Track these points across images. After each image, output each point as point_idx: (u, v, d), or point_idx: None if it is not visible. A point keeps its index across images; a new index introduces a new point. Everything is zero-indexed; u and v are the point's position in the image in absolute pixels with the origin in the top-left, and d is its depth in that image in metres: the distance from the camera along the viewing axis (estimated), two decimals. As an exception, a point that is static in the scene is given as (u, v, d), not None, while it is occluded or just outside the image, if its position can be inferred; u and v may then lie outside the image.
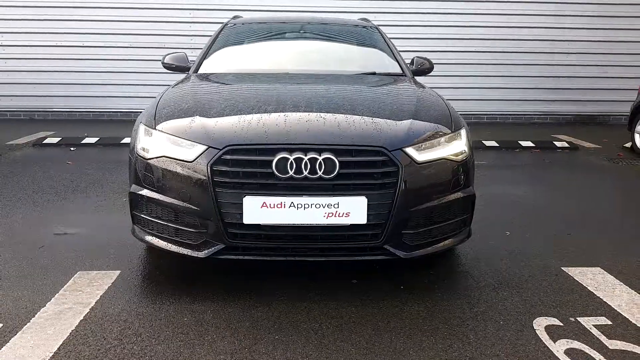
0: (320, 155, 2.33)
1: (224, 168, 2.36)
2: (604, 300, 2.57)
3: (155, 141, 2.56)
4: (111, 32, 8.53)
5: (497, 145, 7.10)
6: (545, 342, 2.17)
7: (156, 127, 2.60)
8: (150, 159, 2.54)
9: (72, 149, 6.25)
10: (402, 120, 2.66)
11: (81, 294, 2.54)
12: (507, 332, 2.25)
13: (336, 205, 2.32)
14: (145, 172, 2.56)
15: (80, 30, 8.52)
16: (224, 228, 2.38)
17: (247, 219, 2.32)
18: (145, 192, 2.56)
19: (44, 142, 6.56)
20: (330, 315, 2.36)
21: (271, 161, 2.32)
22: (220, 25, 4.30)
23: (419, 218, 2.51)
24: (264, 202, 2.31)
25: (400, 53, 4.09)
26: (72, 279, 2.71)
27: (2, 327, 2.24)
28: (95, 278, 2.72)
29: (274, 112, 2.63)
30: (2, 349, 2.06)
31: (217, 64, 3.77)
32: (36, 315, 2.33)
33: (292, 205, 2.31)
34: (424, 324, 2.30)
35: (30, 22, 8.49)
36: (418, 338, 2.19)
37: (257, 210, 2.31)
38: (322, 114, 2.60)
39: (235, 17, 4.62)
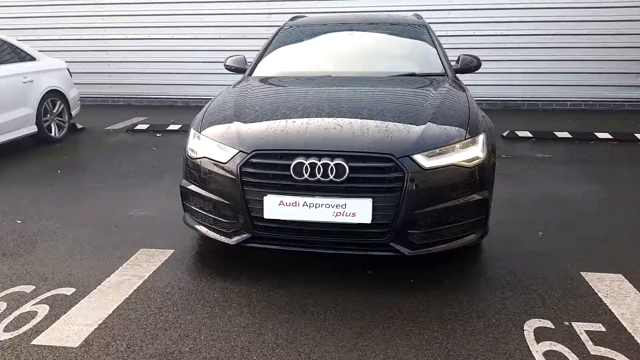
0: (332, 161, 2.63)
1: (250, 170, 2.73)
2: (610, 307, 2.63)
3: (200, 144, 2.99)
4: (198, 25, 9.24)
5: (570, 136, 6.85)
6: (528, 343, 2.33)
7: (201, 132, 3.03)
8: (195, 159, 2.98)
9: (158, 135, 7.00)
10: (418, 125, 2.86)
11: (139, 268, 3.06)
12: (496, 330, 2.43)
13: (344, 206, 2.61)
14: (192, 169, 3.01)
15: (170, 24, 9.31)
16: (251, 221, 2.76)
17: (267, 215, 2.69)
18: (192, 186, 3.02)
19: (136, 128, 7.37)
20: (337, 302, 2.68)
21: (289, 165, 2.66)
22: (277, 27, 4.64)
23: (425, 219, 2.73)
24: (281, 201, 2.66)
25: (446, 51, 4.21)
26: (135, 255, 3.25)
27: (75, 291, 2.80)
28: (154, 255, 3.24)
29: (300, 117, 2.96)
30: (72, 308, 2.62)
31: (268, 67, 4.15)
32: (102, 284, 2.88)
33: (305, 204, 2.64)
34: (419, 316, 2.54)
35: (128, 17, 9.41)
36: (408, 328, 2.44)
37: (276, 207, 2.67)
38: (341, 121, 2.88)
39: (293, 19, 4.95)
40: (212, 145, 2.91)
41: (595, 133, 6.90)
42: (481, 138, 2.93)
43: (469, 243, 2.91)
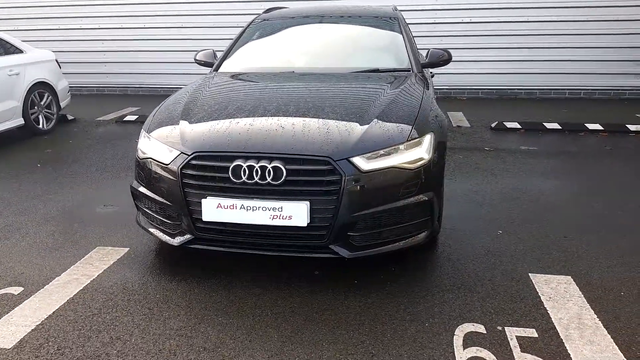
0: (270, 164, 2.62)
1: (191, 172, 2.74)
2: (549, 311, 2.61)
3: (147, 144, 3.01)
4: (192, 13, 9.22)
5: (560, 127, 6.74)
6: (455, 349, 2.32)
7: (149, 133, 3.04)
8: (142, 159, 3.00)
9: (144, 126, 7.03)
10: (362, 124, 2.84)
11: (90, 267, 3.11)
12: (425, 335, 2.43)
13: (280, 209, 2.61)
14: (140, 170, 3.03)
15: (165, 12, 9.31)
16: (192, 222, 2.78)
17: (205, 217, 2.70)
18: (140, 187, 3.04)
19: (125, 119, 7.43)
20: (275, 303, 2.69)
21: (228, 167, 2.66)
22: (248, 22, 4.62)
23: (365, 221, 2.71)
24: (219, 203, 2.67)
25: (415, 45, 4.15)
26: (90, 253, 3.29)
27: (23, 290, 2.86)
28: (108, 253, 3.28)
29: (246, 117, 2.96)
30: (15, 308, 2.67)
31: (234, 63, 4.14)
32: (50, 283, 2.93)
33: (242, 207, 2.64)
34: (353, 319, 2.55)
35: (123, 6, 9.42)
36: (339, 332, 2.45)
37: (214, 209, 2.68)
38: (284, 122, 2.87)
39: (267, 11, 4.91)
40: (157, 146, 2.93)
41: (585, 124, 6.79)
42: (427, 139, 2.89)
43: (413, 244, 2.90)
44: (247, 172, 2.63)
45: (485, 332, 2.44)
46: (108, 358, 2.28)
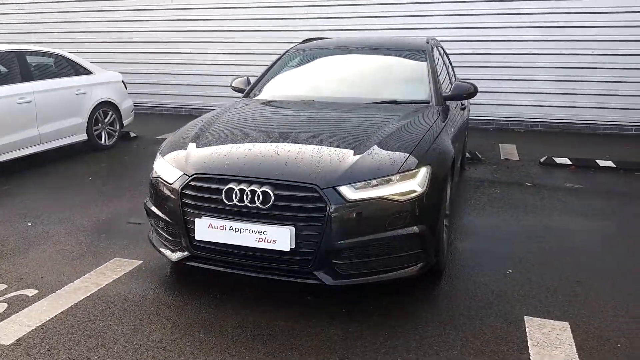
0: (260, 188, 2.74)
1: (190, 192, 2.91)
2: (532, 357, 2.50)
3: (158, 165, 3.22)
4: (251, 41, 9.69)
5: (614, 166, 6.36)
6: (418, 386, 2.28)
7: (162, 155, 3.26)
8: (153, 178, 3.22)
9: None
10: (356, 154, 2.89)
11: (102, 276, 3.34)
12: (394, 369, 2.40)
13: (265, 232, 2.71)
14: (151, 189, 3.25)
15: (228, 40, 9.86)
16: (189, 241, 2.94)
17: (198, 236, 2.85)
18: (151, 205, 3.26)
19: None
20: (259, 325, 2.76)
21: (222, 190, 2.80)
22: (283, 52, 4.81)
23: (351, 250, 2.75)
24: (210, 224, 2.81)
25: (438, 79, 4.15)
26: (106, 263, 3.54)
27: (37, 293, 3.13)
28: (122, 265, 3.51)
29: (248, 142, 3.11)
30: (25, 309, 2.93)
31: (262, 91, 4.34)
32: (62, 288, 3.18)
33: (231, 228, 2.77)
34: (327, 347, 2.56)
35: (190, 33, 10.08)
36: (309, 359, 2.47)
37: (206, 229, 2.82)
38: (281, 148, 2.99)
39: (305, 41, 5.09)
40: (166, 167, 3.13)
41: (643, 162, 6.37)
42: (422, 172, 2.89)
43: (404, 276, 2.88)
44: (238, 195, 2.75)
45: (455, 373, 2.38)
46: (89, 362, 2.45)
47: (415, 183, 2.84)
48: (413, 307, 2.97)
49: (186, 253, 2.99)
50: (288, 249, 2.69)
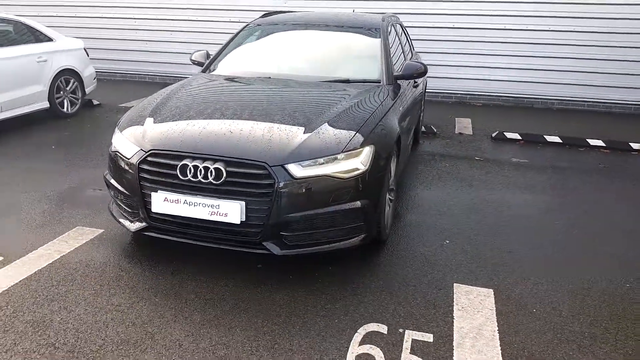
0: (213, 165, 2.93)
1: (146, 167, 3.09)
2: (455, 320, 2.81)
3: (116, 140, 3.37)
4: (216, 7, 9.64)
5: (560, 141, 6.74)
6: (350, 345, 2.57)
7: (121, 130, 3.41)
8: (112, 152, 3.37)
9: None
10: (305, 133, 3.10)
11: (64, 244, 3.51)
12: (330, 330, 2.68)
13: (217, 207, 2.92)
14: (110, 162, 3.41)
15: (190, 6, 9.76)
16: (147, 212, 3.13)
17: (154, 209, 3.04)
18: (110, 178, 3.42)
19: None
20: (211, 290, 3.00)
21: (176, 165, 2.99)
22: (242, 26, 4.92)
23: (297, 223, 2.99)
24: (166, 197, 3.00)
25: (391, 59, 4.35)
26: (69, 232, 3.70)
27: (2, 259, 3.29)
28: (84, 233, 3.68)
29: (204, 119, 3.28)
30: (-10, 275, 3.10)
31: (219, 66, 4.47)
32: (26, 255, 3.35)
33: (185, 202, 2.97)
34: (273, 310, 2.83)
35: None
36: (256, 320, 2.73)
37: (161, 202, 3.02)
38: (234, 126, 3.18)
39: (263, 16, 5.19)
40: (124, 142, 3.28)
41: (587, 139, 6.75)
42: (366, 150, 3.12)
43: (346, 247, 3.15)
44: (192, 170, 2.95)
45: (385, 332, 2.68)
46: (51, 323, 2.66)
47: (359, 161, 3.08)
48: (354, 274, 3.25)
49: (144, 224, 3.19)
50: (238, 222, 2.91)
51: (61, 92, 7.13)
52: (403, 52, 5.15)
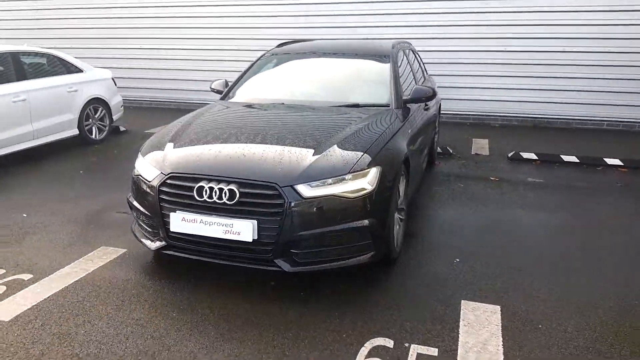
0: (227, 186, 3.11)
1: (166, 189, 3.28)
2: (460, 335, 2.89)
3: (139, 164, 3.59)
4: (243, 38, 10.01)
5: (577, 161, 6.75)
6: (356, 358, 2.67)
7: (143, 155, 3.63)
8: (135, 175, 3.58)
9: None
10: (314, 155, 3.27)
11: (90, 263, 3.72)
12: (339, 344, 2.78)
13: (231, 225, 3.08)
14: (133, 185, 3.62)
15: (216, 36, 10.17)
16: (166, 232, 3.31)
17: (172, 228, 3.23)
18: (133, 200, 3.63)
19: (167, 133, 8.20)
20: (225, 306, 3.14)
21: (193, 187, 3.17)
22: (257, 57, 5.16)
23: (306, 241, 3.13)
24: (184, 217, 3.18)
25: (399, 84, 4.51)
26: (94, 251, 3.91)
27: (32, 277, 3.50)
28: (107, 253, 3.89)
29: (219, 143, 3.48)
30: (21, 291, 3.30)
31: (237, 94, 4.70)
32: (54, 273, 3.56)
33: (201, 221, 3.14)
34: (284, 325, 2.95)
35: (179, 30, 10.38)
36: (267, 334, 2.86)
37: (179, 222, 3.20)
38: (247, 150, 3.36)
39: (279, 45, 5.43)
40: (146, 166, 3.49)
41: (604, 158, 6.75)
42: (373, 171, 3.26)
43: (355, 264, 3.26)
44: (208, 192, 3.13)
45: (392, 347, 2.77)
46: (76, 336, 2.83)
47: (366, 182, 3.22)
48: (364, 291, 3.36)
49: (163, 243, 3.37)
50: (251, 240, 3.07)
51: (90, 120, 7.49)
52: (414, 76, 5.31)
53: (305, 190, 3.08)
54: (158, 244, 3.41)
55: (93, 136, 7.55)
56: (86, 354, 2.68)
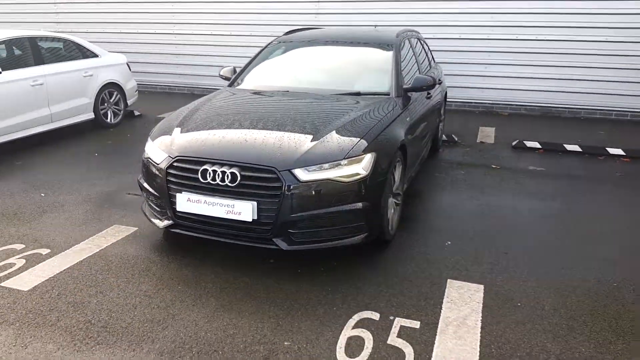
0: (229, 169, 3.33)
1: (173, 171, 3.52)
2: (443, 311, 3.09)
3: (148, 147, 3.83)
4: (253, 23, 10.20)
5: (580, 150, 6.85)
6: (344, 328, 2.89)
7: (152, 139, 3.86)
8: (145, 158, 3.82)
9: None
10: (313, 141, 3.47)
11: (103, 240, 3.98)
12: (329, 315, 3.01)
13: (232, 206, 3.31)
14: (143, 167, 3.86)
15: (228, 21, 10.37)
16: (173, 211, 3.56)
17: (179, 208, 3.47)
18: (143, 182, 3.87)
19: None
20: (227, 280, 3.39)
21: (198, 170, 3.40)
22: (266, 43, 5.35)
23: (303, 222, 3.34)
24: (189, 198, 3.42)
25: (401, 72, 4.67)
26: (107, 229, 4.18)
27: (49, 252, 3.78)
28: (120, 230, 4.15)
29: (224, 128, 3.69)
30: (39, 264, 3.58)
31: (244, 81, 4.90)
32: (70, 248, 3.83)
33: (205, 202, 3.37)
34: (280, 298, 3.18)
35: (194, 15, 10.58)
36: (264, 306, 3.09)
37: (185, 202, 3.43)
38: (250, 135, 3.57)
39: (287, 33, 5.61)
40: (155, 150, 3.73)
41: (607, 148, 6.84)
42: (367, 157, 3.46)
43: (349, 244, 3.48)
44: (211, 174, 3.35)
45: (377, 319, 2.99)
46: (89, 304, 3.10)
47: (360, 167, 3.41)
48: (357, 270, 3.57)
49: (171, 222, 3.62)
50: (250, 220, 3.29)
51: (105, 104, 7.75)
52: (418, 65, 5.45)
53: (302, 174, 3.29)
54: (166, 222, 3.65)
55: (108, 120, 7.82)
56: (98, 321, 2.94)
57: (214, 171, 3.35)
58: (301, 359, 2.66)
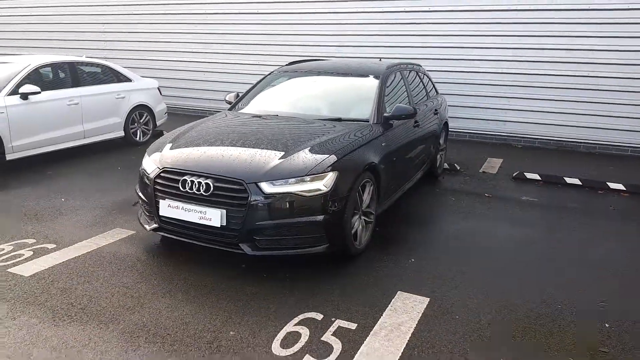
0: (205, 180, 3.79)
1: (160, 181, 4.01)
2: (382, 317, 3.35)
3: (144, 160, 4.35)
4: (273, 53, 10.85)
5: (580, 183, 6.94)
6: (286, 325, 3.24)
7: (148, 154, 4.39)
8: (141, 169, 4.35)
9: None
10: (281, 158, 3.88)
11: (102, 240, 4.51)
12: (278, 315, 3.36)
13: (205, 212, 3.76)
14: (139, 178, 4.39)
15: (241, 42, 11.06)
16: (158, 216, 4.04)
17: (161, 213, 3.95)
18: (138, 190, 4.39)
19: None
20: (203, 280, 3.81)
21: (179, 180, 3.88)
22: (268, 72, 5.87)
23: (267, 230, 3.74)
24: (169, 204, 3.90)
25: (383, 102, 5.05)
26: (109, 231, 4.71)
27: (54, 246, 4.33)
28: (119, 232, 4.67)
29: (207, 146, 4.17)
30: (44, 256, 4.13)
31: (242, 105, 5.41)
32: (72, 245, 4.37)
33: (182, 208, 3.84)
34: (239, 299, 3.56)
35: (217, 45, 11.37)
36: (221, 303, 3.48)
37: (167, 208, 3.91)
38: (226, 152, 4.03)
39: (289, 64, 6.12)
40: (148, 162, 4.25)
41: (608, 182, 6.89)
42: (330, 175, 3.84)
43: (311, 253, 3.84)
44: (189, 184, 3.82)
45: (320, 319, 3.32)
46: (75, 290, 3.59)
47: (322, 184, 3.79)
48: (319, 278, 3.91)
49: (156, 225, 4.10)
50: (219, 225, 3.72)
51: (135, 124, 8.47)
52: (408, 95, 5.80)
53: (267, 187, 3.71)
54: (153, 225, 4.13)
55: (137, 138, 8.53)
56: (78, 304, 3.42)
57: (192, 181, 3.82)
58: (240, 345, 3.02)
